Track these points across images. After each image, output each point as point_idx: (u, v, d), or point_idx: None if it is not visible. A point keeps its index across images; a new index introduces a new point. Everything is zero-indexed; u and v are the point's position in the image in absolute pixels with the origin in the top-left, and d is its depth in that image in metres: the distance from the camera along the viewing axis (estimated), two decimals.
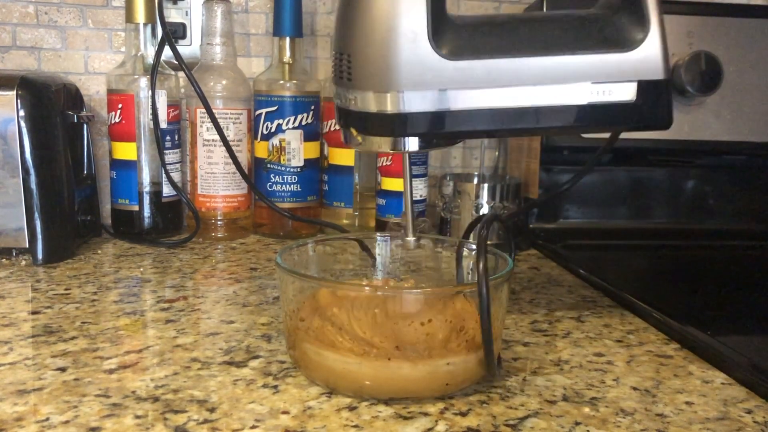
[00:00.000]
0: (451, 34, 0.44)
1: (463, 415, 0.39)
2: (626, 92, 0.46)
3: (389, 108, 0.44)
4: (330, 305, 0.42)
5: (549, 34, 0.46)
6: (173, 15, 0.88)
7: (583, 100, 0.46)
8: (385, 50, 0.43)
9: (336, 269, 0.52)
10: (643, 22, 0.46)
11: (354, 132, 0.47)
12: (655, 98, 0.46)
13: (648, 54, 0.46)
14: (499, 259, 0.46)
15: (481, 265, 0.38)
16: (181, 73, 0.79)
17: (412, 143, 0.46)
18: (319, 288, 0.44)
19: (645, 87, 0.46)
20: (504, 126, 0.46)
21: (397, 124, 0.44)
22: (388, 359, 0.39)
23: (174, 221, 0.83)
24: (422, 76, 0.43)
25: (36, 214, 0.68)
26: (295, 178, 0.82)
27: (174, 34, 0.87)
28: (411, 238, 0.49)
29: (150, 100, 0.77)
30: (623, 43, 0.46)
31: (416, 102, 0.44)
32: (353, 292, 0.43)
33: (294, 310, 0.43)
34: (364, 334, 0.40)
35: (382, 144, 0.46)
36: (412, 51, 0.43)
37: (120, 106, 0.78)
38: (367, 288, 0.46)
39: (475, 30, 0.45)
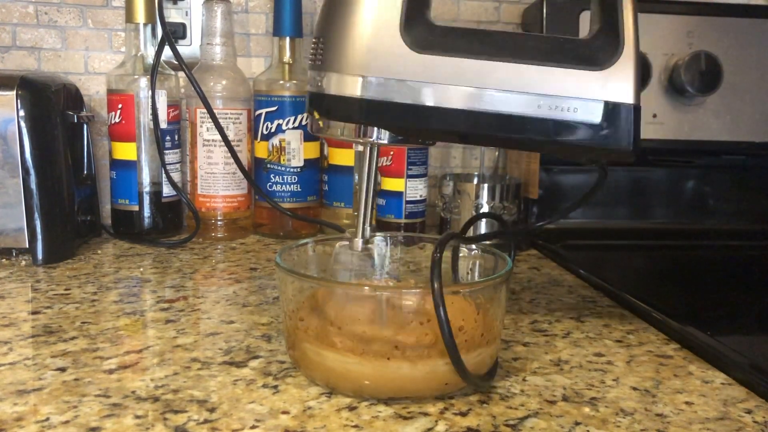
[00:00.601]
0: (423, 29, 0.44)
1: (463, 415, 0.39)
2: (591, 112, 0.44)
3: (350, 91, 0.44)
4: (329, 305, 0.42)
5: (521, 45, 0.45)
6: (173, 15, 0.88)
7: (547, 113, 0.44)
8: (355, 34, 0.44)
9: (336, 269, 0.52)
10: (617, 45, 0.45)
11: (316, 115, 0.46)
12: (621, 123, 0.45)
13: (619, 75, 0.44)
14: (498, 259, 0.46)
15: (435, 285, 0.37)
16: (181, 73, 0.79)
17: (383, 135, 0.46)
18: (318, 288, 0.44)
19: (611, 109, 0.45)
20: (463, 128, 0.45)
21: (356, 109, 0.44)
22: (388, 359, 0.39)
23: (174, 221, 0.83)
24: (387, 63, 0.43)
25: (36, 214, 0.68)
26: (295, 178, 0.82)
27: (174, 34, 0.86)
28: (359, 239, 0.48)
29: (150, 100, 0.77)
30: (595, 61, 0.45)
31: (378, 89, 0.44)
32: (353, 292, 0.43)
33: (293, 310, 0.43)
34: (363, 333, 0.40)
35: (344, 131, 0.46)
36: (381, 37, 0.43)
37: (120, 106, 0.78)
38: (366, 288, 0.46)
39: (448, 31, 0.45)
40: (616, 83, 0.45)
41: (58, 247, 0.70)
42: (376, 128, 0.45)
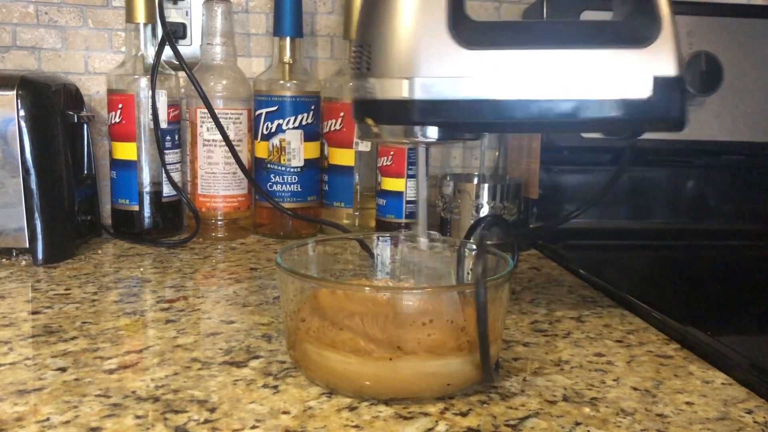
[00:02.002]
0: (469, 27, 0.45)
1: (464, 415, 0.39)
2: (642, 88, 0.47)
3: (406, 94, 0.45)
4: (331, 305, 0.42)
5: (565, 31, 0.47)
6: (173, 15, 0.88)
7: (599, 95, 0.46)
8: (405, 37, 0.44)
9: (336, 269, 0.52)
10: (655, 22, 0.47)
11: (371, 122, 0.47)
12: (669, 95, 0.47)
13: (662, 50, 0.47)
14: (500, 259, 0.46)
15: (480, 268, 0.38)
16: (181, 73, 0.79)
17: (431, 133, 0.46)
18: (319, 288, 0.44)
19: (660, 83, 0.47)
20: (520, 117, 0.46)
21: (413, 111, 0.45)
22: (390, 359, 0.39)
23: (174, 221, 0.83)
24: (440, 63, 0.45)
25: (36, 214, 0.68)
26: (295, 178, 0.82)
27: (174, 34, 0.86)
28: (424, 239, 0.49)
29: (150, 100, 0.77)
30: (638, 40, 0.47)
31: (433, 89, 0.45)
32: (354, 293, 0.43)
33: (294, 310, 0.43)
34: (365, 334, 0.40)
35: (399, 134, 0.47)
36: (432, 39, 0.44)
37: (120, 106, 0.78)
38: (368, 288, 0.46)
39: (492, 25, 0.47)
40: (661, 58, 0.47)
41: (58, 247, 0.70)
42: (421, 128, 0.46)
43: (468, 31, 0.45)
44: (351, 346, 0.40)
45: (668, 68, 0.47)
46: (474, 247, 0.51)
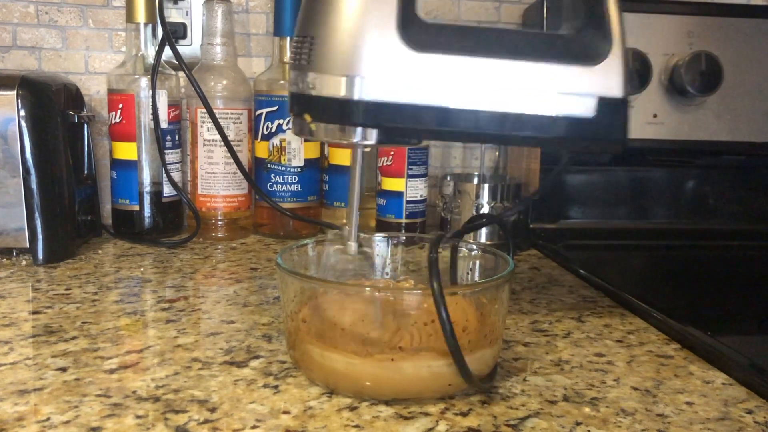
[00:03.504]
0: (419, 29, 0.43)
1: (464, 415, 0.39)
2: (586, 107, 0.46)
3: (347, 93, 0.42)
4: (331, 306, 0.42)
5: (516, 42, 0.46)
6: (174, 15, 0.88)
7: (544, 110, 0.45)
8: (350, 33, 0.42)
9: (336, 269, 0.52)
10: (606, 39, 0.46)
11: (308, 118, 0.45)
12: (612, 116, 0.46)
13: (608, 70, 0.46)
14: (500, 259, 0.46)
15: (435, 286, 0.37)
16: (181, 73, 0.79)
17: (370, 135, 0.44)
18: (320, 289, 0.44)
19: (604, 104, 0.46)
20: (463, 127, 0.45)
21: (353, 112, 0.43)
22: (392, 360, 0.39)
23: (174, 221, 0.83)
24: (386, 64, 0.42)
25: (36, 214, 0.68)
26: (295, 178, 0.82)
27: (174, 34, 0.86)
28: (353, 243, 0.47)
29: (150, 100, 0.77)
30: (587, 57, 0.46)
31: (377, 90, 0.43)
32: (355, 293, 0.43)
33: (295, 310, 0.43)
34: (367, 335, 0.40)
35: (336, 134, 0.45)
36: (379, 37, 0.42)
37: (120, 106, 0.78)
38: (368, 288, 0.45)
39: (443, 29, 0.45)
40: (608, 78, 0.46)
41: (58, 247, 0.70)
42: (360, 129, 0.44)
43: (417, 32, 0.43)
44: (352, 347, 0.40)
45: (614, 89, 0.46)
46: (472, 246, 0.51)
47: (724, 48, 0.81)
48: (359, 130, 0.44)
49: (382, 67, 0.43)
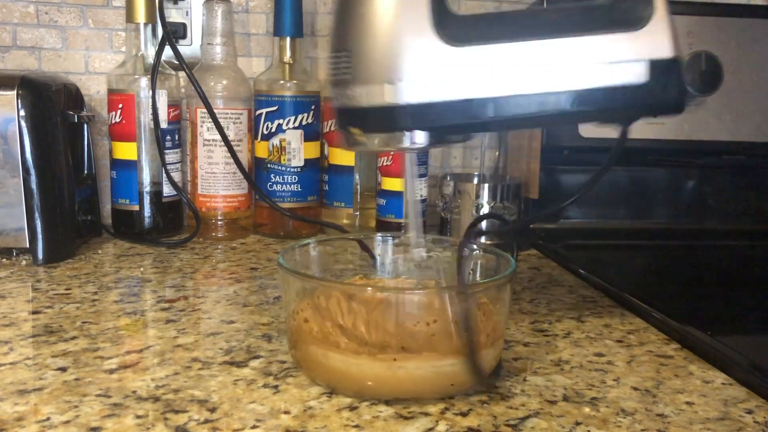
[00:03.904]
0: (454, 23, 0.43)
1: (464, 415, 0.39)
2: (637, 73, 0.44)
3: (393, 99, 0.42)
4: (333, 306, 0.42)
5: (555, 19, 0.45)
6: (174, 15, 0.88)
7: (593, 83, 0.44)
8: (388, 39, 0.41)
9: (337, 269, 0.52)
10: (648, 3, 0.45)
11: (356, 131, 0.44)
12: (667, 79, 0.45)
13: (655, 32, 0.44)
14: (501, 259, 0.46)
15: (461, 285, 0.37)
16: (181, 73, 0.79)
17: (419, 138, 0.43)
18: (321, 288, 0.44)
19: (656, 67, 0.44)
20: (514, 114, 0.44)
21: (401, 117, 0.42)
22: (394, 360, 0.39)
23: (174, 221, 0.83)
24: (427, 64, 0.41)
25: (36, 214, 0.68)
26: (295, 178, 0.82)
27: (174, 33, 0.86)
28: (420, 250, 0.47)
29: (150, 100, 0.77)
30: (630, 22, 0.44)
31: (421, 91, 0.42)
32: (357, 293, 0.43)
33: (296, 310, 0.43)
34: (369, 335, 0.40)
35: (386, 142, 0.44)
36: (416, 38, 0.41)
37: (120, 106, 0.78)
38: (370, 288, 0.45)
39: (478, 20, 0.44)
40: (656, 40, 0.44)
41: (58, 247, 0.70)
42: (408, 133, 0.43)
43: (453, 27, 0.42)
44: (354, 347, 0.40)
45: (664, 50, 0.44)
46: (475, 246, 0.51)
47: (724, 48, 0.81)
48: (408, 134, 0.43)
49: (424, 68, 0.42)
